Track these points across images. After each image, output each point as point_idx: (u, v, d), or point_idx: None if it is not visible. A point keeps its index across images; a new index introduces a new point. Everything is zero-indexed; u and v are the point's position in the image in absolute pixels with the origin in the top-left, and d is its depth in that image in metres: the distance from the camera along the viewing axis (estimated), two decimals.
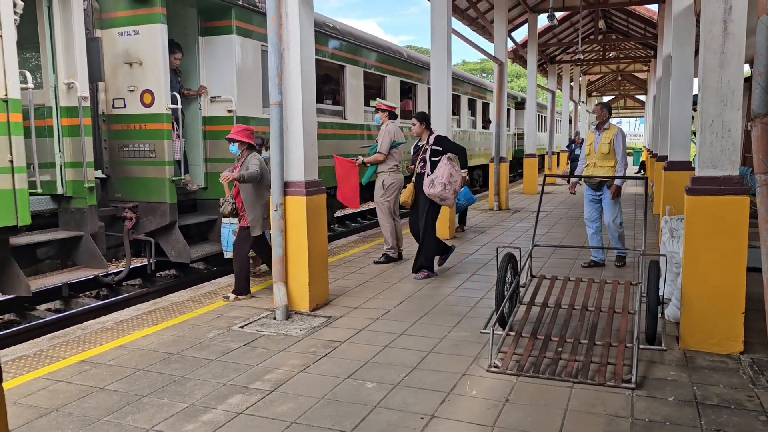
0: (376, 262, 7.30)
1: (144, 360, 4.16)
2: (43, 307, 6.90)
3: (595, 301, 4.70)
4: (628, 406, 3.35)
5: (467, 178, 6.50)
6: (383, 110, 7.51)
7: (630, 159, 35.83)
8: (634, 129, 56.92)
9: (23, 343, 4.61)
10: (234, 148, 5.79)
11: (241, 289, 5.78)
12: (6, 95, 4.84)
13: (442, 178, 6.26)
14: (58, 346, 4.47)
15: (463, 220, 10.12)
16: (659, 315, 4.34)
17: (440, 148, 6.43)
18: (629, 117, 53.83)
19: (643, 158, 27.63)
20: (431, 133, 6.62)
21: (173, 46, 7.23)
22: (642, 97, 39.94)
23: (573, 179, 7.48)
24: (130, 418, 3.27)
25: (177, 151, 7.27)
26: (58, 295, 7.02)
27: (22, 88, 5.17)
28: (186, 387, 3.69)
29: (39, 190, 5.94)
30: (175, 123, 7.19)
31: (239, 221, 5.89)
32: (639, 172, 27.76)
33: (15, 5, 4.90)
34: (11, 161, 4.90)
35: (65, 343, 4.52)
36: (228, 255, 6.06)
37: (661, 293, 4.42)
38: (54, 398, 3.55)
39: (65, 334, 4.77)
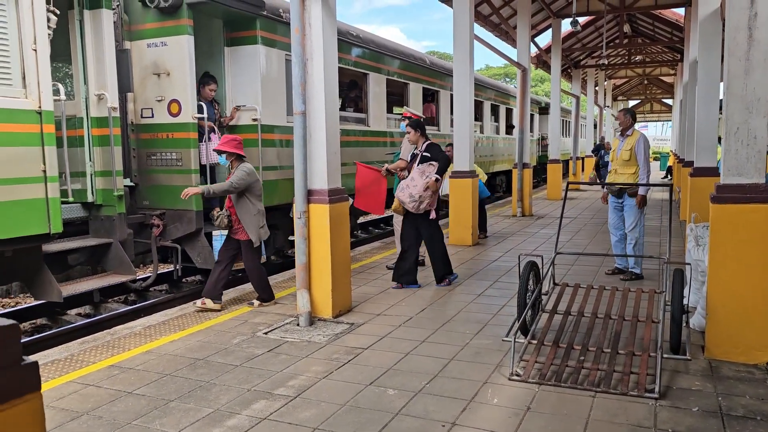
0: (388, 267, 7.34)
1: (171, 365, 4.25)
2: (74, 311, 7.07)
3: (618, 310, 4.67)
4: (651, 416, 3.34)
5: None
6: (410, 118, 7.57)
7: (657, 164, 35.36)
8: (662, 133, 56.16)
9: (55, 347, 4.75)
10: (222, 159, 5.76)
11: (265, 297, 5.87)
12: (40, 107, 5.00)
13: (404, 182, 6.38)
14: (89, 350, 4.59)
15: (483, 227, 10.06)
16: (684, 324, 4.30)
17: (429, 155, 6.43)
18: (656, 121, 53.16)
19: (670, 163, 27.24)
20: (426, 140, 6.55)
21: (208, 78, 7.32)
22: (669, 101, 39.41)
23: (604, 190, 7.26)
24: (157, 423, 3.35)
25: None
26: (89, 300, 7.19)
27: (55, 100, 5.33)
28: (211, 392, 3.77)
29: (70, 199, 6.10)
30: (215, 128, 7.33)
31: (233, 233, 5.75)
32: (666, 177, 27.38)
33: (49, 20, 5.06)
34: (44, 171, 5.05)
35: (95, 348, 4.64)
36: None
37: (686, 302, 4.38)
38: (85, 402, 3.65)
39: (95, 338, 4.90)
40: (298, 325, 5.15)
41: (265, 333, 4.96)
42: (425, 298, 6.03)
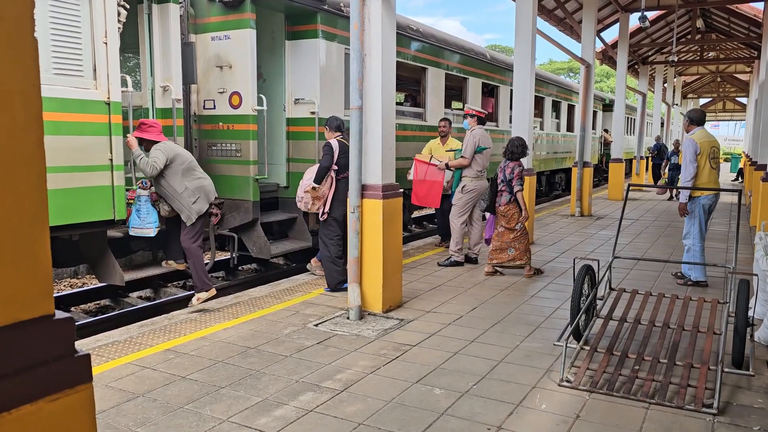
0: (440, 264, 7.32)
1: (223, 352, 4.36)
2: (135, 294, 7.35)
3: (677, 319, 4.50)
4: None
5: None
6: (472, 115, 7.50)
7: (727, 165, 33.85)
8: (734, 133, 53.84)
9: (116, 329, 4.95)
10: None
11: (200, 286, 5.49)
12: (109, 98, 5.21)
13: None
14: (147, 334, 4.76)
15: (447, 233, 8.36)
16: (748, 337, 4.10)
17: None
18: (728, 120, 50.90)
19: (741, 165, 26.01)
20: (336, 136, 6.27)
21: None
22: (743, 100, 37.58)
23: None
24: (208, 408, 3.45)
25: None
26: (149, 283, 7.46)
27: (122, 91, 5.54)
28: (261, 381, 3.84)
29: (134, 187, 6.33)
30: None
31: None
32: (737, 179, 26.20)
33: (119, 14, 5.25)
34: (111, 159, 5.26)
35: (153, 332, 4.81)
36: (135, 232, 5.57)
37: (751, 314, 4.18)
38: (141, 384, 3.79)
39: (153, 322, 5.08)
40: (348, 318, 5.20)
41: (316, 325, 5.02)
42: (477, 296, 5.97)
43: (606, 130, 23.07)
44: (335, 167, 6.10)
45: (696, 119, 6.44)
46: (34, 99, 1.06)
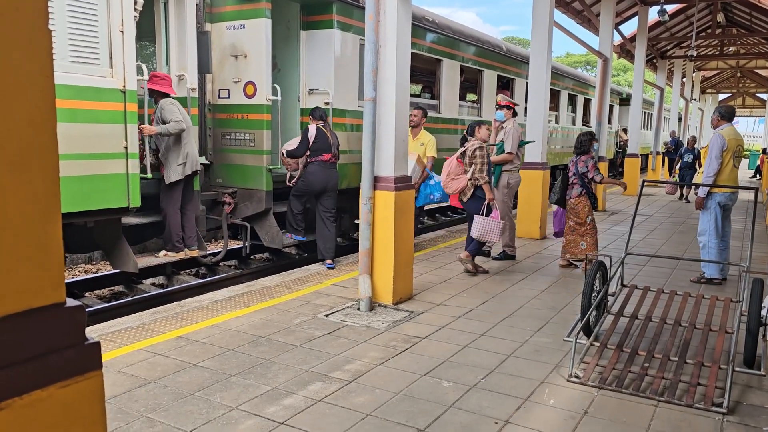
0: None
1: (234, 340, 4.40)
2: (149, 281, 7.42)
3: (689, 317, 4.47)
4: (716, 431, 3.18)
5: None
6: (508, 107, 7.41)
7: (745, 162, 33.43)
8: (752, 129, 53.20)
9: (129, 315, 5.01)
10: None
11: (171, 247, 6.42)
12: (124, 86, 5.24)
13: None
14: (159, 320, 4.81)
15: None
16: (761, 337, 4.06)
17: None
18: (747, 116, 50.23)
19: (759, 162, 25.68)
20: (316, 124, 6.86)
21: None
22: (764, 95, 37.03)
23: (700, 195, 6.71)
24: (218, 396, 3.49)
25: None
26: (162, 270, 7.52)
27: (137, 80, 5.57)
28: (271, 370, 3.88)
29: (148, 175, 6.38)
30: None
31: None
32: (754, 176, 25.91)
33: (136, 2, 5.27)
34: (126, 147, 5.31)
35: (165, 319, 4.86)
36: None
37: (764, 313, 4.14)
38: (152, 370, 3.84)
39: (166, 309, 5.13)
40: (358, 309, 5.22)
41: (326, 315, 5.05)
42: (487, 290, 5.97)
43: (623, 129, 22.82)
44: (308, 152, 6.73)
45: (726, 115, 6.36)
46: (48, 91, 1.07)
